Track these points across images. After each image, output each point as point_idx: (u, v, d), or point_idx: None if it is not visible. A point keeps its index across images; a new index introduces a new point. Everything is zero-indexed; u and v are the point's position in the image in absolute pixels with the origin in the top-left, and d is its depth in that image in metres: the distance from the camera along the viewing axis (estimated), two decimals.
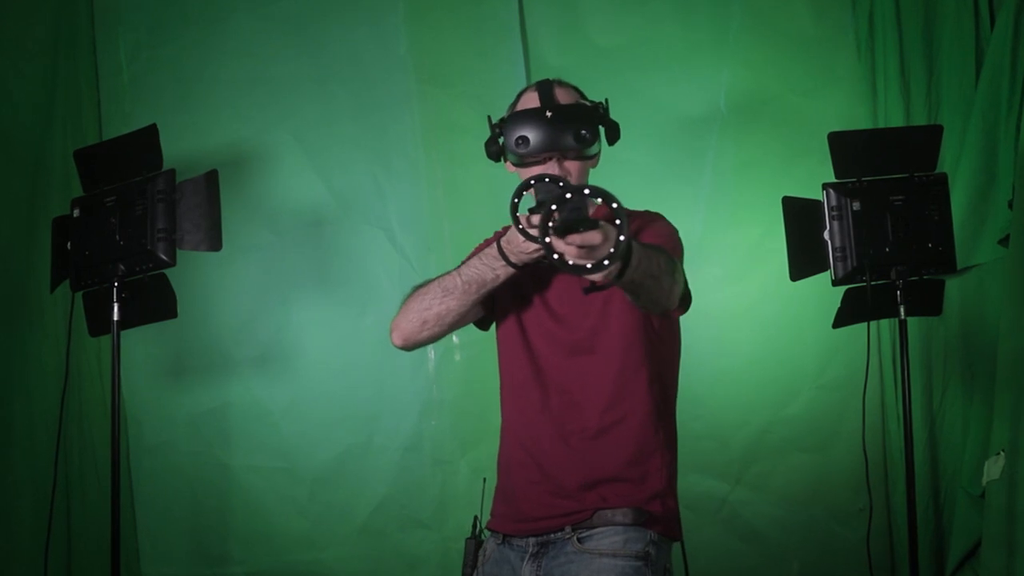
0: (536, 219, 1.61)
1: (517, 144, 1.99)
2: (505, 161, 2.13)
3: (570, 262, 1.53)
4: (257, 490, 3.60)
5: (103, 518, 3.20)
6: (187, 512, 3.64)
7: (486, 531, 2.13)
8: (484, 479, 2.17)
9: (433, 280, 2.05)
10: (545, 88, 2.07)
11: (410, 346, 2.12)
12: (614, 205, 1.52)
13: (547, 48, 3.70)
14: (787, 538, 3.56)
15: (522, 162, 2.04)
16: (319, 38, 3.69)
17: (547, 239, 1.54)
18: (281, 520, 3.58)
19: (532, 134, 1.98)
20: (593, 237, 1.54)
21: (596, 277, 1.58)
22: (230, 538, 3.61)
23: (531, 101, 2.08)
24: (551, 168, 2.01)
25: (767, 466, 3.58)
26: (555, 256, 1.54)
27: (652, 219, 2.08)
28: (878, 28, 3.61)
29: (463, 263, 2.05)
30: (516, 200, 1.78)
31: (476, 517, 2.13)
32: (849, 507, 3.51)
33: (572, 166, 2.03)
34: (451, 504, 3.55)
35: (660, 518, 2.00)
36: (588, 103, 2.07)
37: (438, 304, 2.04)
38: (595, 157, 2.08)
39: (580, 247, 1.54)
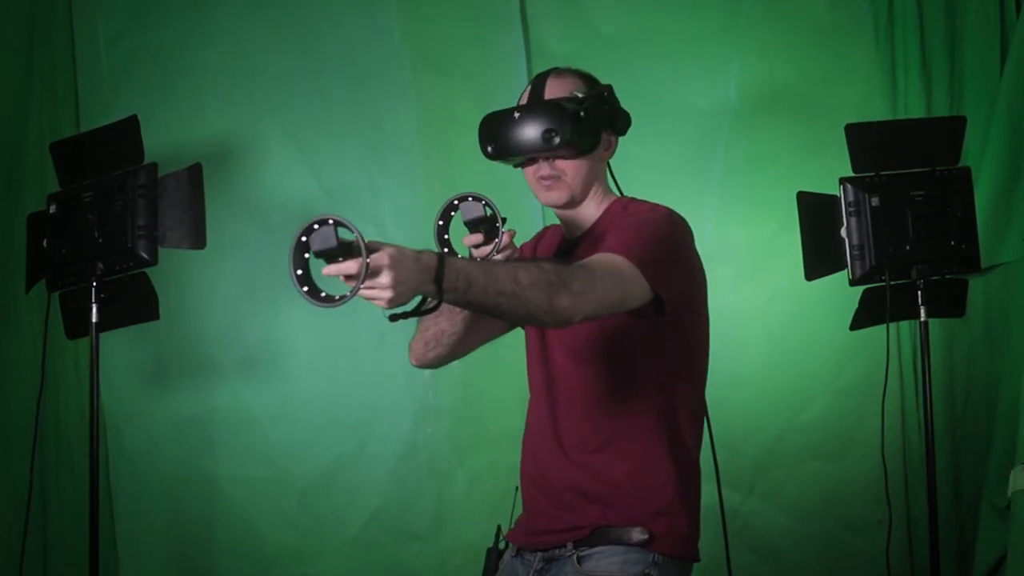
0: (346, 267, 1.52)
1: (484, 149, 2.02)
2: None
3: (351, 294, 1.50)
4: (243, 500, 3.56)
5: (81, 529, 3.17)
6: (170, 523, 3.61)
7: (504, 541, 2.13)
8: (516, 487, 2.15)
9: None
10: (537, 83, 2.06)
11: (425, 366, 2.20)
12: (352, 232, 1.48)
13: (549, 37, 3.68)
14: (801, 551, 3.54)
15: (508, 163, 2.05)
16: (310, 26, 3.66)
17: (298, 271, 1.52)
18: (269, 532, 3.55)
19: (498, 137, 1.99)
20: (349, 267, 1.50)
21: (381, 305, 1.54)
22: (215, 551, 3.58)
23: (523, 98, 2.07)
24: (543, 169, 2.01)
25: (781, 475, 3.56)
26: (304, 290, 1.52)
27: (633, 214, 2.01)
28: (897, 14, 3.59)
29: None
30: (441, 223, 1.90)
31: (499, 527, 2.12)
32: (867, 518, 3.48)
33: (566, 164, 2.01)
34: (448, 515, 3.52)
35: (665, 537, 1.95)
36: (577, 95, 2.02)
37: (433, 324, 2.10)
38: (594, 151, 2.03)
39: (347, 277, 1.51)
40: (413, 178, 3.61)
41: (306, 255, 1.52)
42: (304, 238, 1.51)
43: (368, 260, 1.47)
